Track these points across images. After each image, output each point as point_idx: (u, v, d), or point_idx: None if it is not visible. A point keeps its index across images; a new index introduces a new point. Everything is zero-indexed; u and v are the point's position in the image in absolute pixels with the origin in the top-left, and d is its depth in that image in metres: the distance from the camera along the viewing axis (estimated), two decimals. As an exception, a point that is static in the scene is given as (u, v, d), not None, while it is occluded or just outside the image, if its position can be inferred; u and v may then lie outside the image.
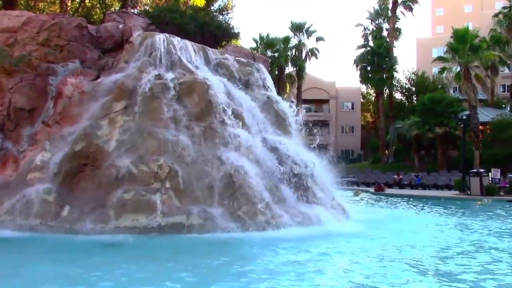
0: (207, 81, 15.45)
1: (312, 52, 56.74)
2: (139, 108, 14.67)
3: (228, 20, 27.71)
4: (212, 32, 22.25)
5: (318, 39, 57.00)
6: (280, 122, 17.30)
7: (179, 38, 17.47)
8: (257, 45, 54.15)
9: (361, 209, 21.35)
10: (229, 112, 15.15)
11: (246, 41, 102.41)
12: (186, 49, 17.23)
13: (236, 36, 27.59)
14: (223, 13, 28.21)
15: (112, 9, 31.69)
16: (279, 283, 8.04)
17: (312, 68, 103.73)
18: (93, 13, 34.65)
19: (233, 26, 26.96)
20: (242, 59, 18.67)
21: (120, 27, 17.83)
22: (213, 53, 18.46)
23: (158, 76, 15.30)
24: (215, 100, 15.03)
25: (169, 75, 15.48)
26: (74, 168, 13.63)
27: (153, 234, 12.29)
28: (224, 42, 24.22)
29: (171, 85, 15.09)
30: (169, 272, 8.71)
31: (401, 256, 10.38)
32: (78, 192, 13.37)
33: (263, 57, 22.06)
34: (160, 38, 16.71)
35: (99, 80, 16.02)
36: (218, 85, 15.75)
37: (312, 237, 12.46)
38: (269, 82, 19.05)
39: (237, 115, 15.38)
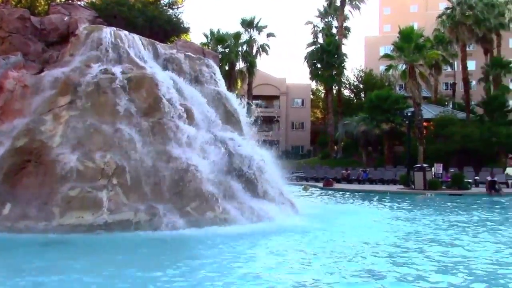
0: (156, 76, 15.25)
1: (263, 48, 56.98)
2: (85, 103, 14.31)
3: (178, 14, 27.40)
4: (162, 27, 21.96)
5: (269, 35, 57.29)
6: (230, 118, 17.31)
7: (127, 32, 17.15)
8: (207, 40, 53.90)
9: (310, 204, 21.69)
10: (178, 107, 15.02)
11: (197, 36, 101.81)
12: (135, 43, 16.94)
13: (186, 31, 27.34)
14: (173, 7, 27.85)
15: (58, 0, 30.73)
16: (227, 280, 8.06)
17: (263, 64, 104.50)
18: (37, 4, 33.45)
19: (183, 21, 26.73)
20: (192, 54, 18.54)
21: (65, 19, 17.31)
22: (162, 48, 18.24)
23: (105, 70, 14.96)
24: (164, 95, 14.85)
25: (117, 70, 15.16)
26: (16, 164, 13.16)
27: (100, 231, 12.04)
28: (173, 37, 23.95)
29: (119, 79, 14.79)
30: (114, 270, 8.55)
31: (347, 249, 10.64)
32: (20, 189, 12.91)
33: (213, 53, 22.01)
34: (107, 31, 16.34)
35: (43, 74, 15.51)
36: (167, 80, 15.57)
37: (261, 233, 12.57)
38: (219, 77, 19.00)
39: (187, 111, 15.28)
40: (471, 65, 59.50)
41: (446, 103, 61.94)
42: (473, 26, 50.80)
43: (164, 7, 27.16)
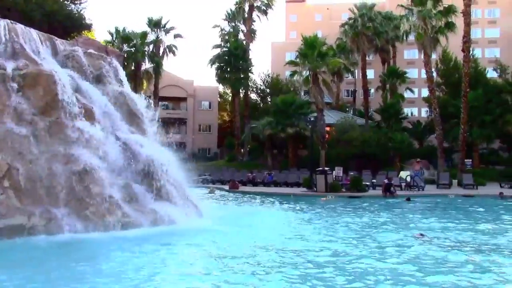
0: (53, 73, 14.47)
1: (170, 49, 56.27)
2: (-27, 99, 13.27)
3: (80, 10, 26.14)
4: (61, 22, 20.87)
5: (177, 36, 56.70)
6: (133, 118, 16.86)
7: (23, 26, 16.12)
8: (112, 38, 52.28)
9: (215, 206, 21.71)
10: (78, 107, 14.39)
11: (101, 34, 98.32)
12: (31, 38, 15.94)
13: (88, 27, 26.24)
14: (75, 2, 26.56)
15: None
16: (123, 285, 7.83)
17: (170, 65, 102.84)
18: None
19: (85, 17, 25.60)
20: (94, 52, 17.82)
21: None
22: (61, 44, 17.33)
23: (-3, 66, 13.98)
24: (62, 93, 14.13)
25: (10, 65, 14.20)
26: None
27: (-12, 237, 11.22)
28: (75, 34, 22.87)
29: (12, 75, 13.87)
30: (2, 279, 8.02)
31: (246, 250, 10.77)
32: None
33: (116, 51, 21.33)
34: (0, 24, 15.27)
35: None
36: (66, 78, 14.84)
37: (162, 236, 12.39)
38: (123, 77, 18.42)
39: (87, 110, 14.67)
40: (370, 73, 62.90)
41: (347, 109, 64.78)
42: (372, 37, 53.80)
43: (65, 2, 25.84)
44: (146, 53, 53.96)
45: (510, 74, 53.24)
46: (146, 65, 55.18)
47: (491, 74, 59.34)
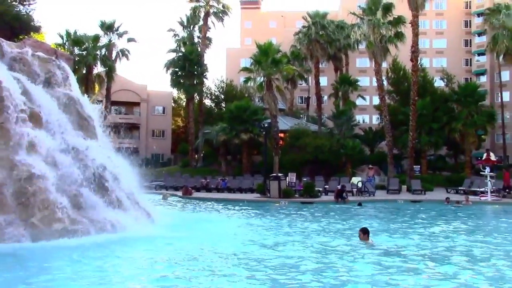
0: (-2, 76, 13.97)
1: (123, 53, 55.33)
2: None
3: (29, 11, 25.41)
4: (9, 23, 20.20)
5: (130, 40, 55.84)
6: (83, 123, 16.45)
7: (-34, 26, 15.55)
8: (63, 41, 51.04)
9: (168, 212, 21.44)
10: (25, 111, 13.92)
11: (51, 37, 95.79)
12: (-25, 39, 15.40)
13: (37, 29, 25.55)
14: (24, 3, 25.78)
15: None
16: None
17: (123, 69, 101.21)
18: None
19: (34, 19, 24.89)
20: (43, 55, 17.30)
21: None
22: (9, 46, 16.73)
23: None
24: (7, 97, 13.63)
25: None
26: None
27: None
28: (23, 35, 22.18)
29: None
30: None
31: (195, 256, 10.72)
32: None
33: (66, 55, 20.77)
34: None
35: None
36: (12, 81, 14.34)
37: (111, 244, 12.14)
38: (73, 81, 17.98)
39: (34, 115, 14.22)
40: (324, 81, 63.94)
41: (301, 115, 65.46)
42: (325, 45, 54.66)
43: (13, 2, 25.02)
44: (98, 56, 52.86)
45: (456, 84, 55.29)
46: (99, 69, 54.10)
47: (439, 83, 61.49)
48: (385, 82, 52.76)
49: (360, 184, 33.55)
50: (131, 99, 69.60)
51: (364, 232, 12.82)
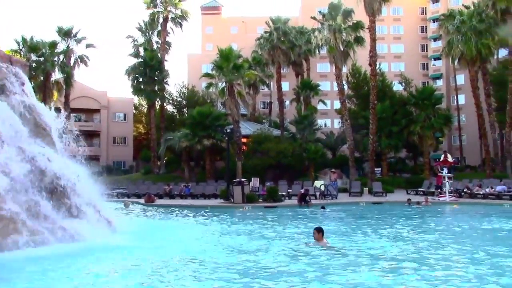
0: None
1: (82, 59, 54.25)
2: None
3: (-18, 17, 24.60)
4: (-40, 29, 19.48)
5: (88, 45, 54.83)
6: (40, 131, 16.01)
7: None
8: (19, 47, 49.83)
9: (129, 221, 21.10)
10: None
11: (7, 43, 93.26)
12: None
13: (-10, 35, 24.77)
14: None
15: None
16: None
17: (82, 76, 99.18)
18: None
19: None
20: (-4, 62, 16.79)
21: None
22: (-41, 53, 16.22)
23: None
24: (-41, 105, 13.18)
25: None
26: None
27: None
28: (-25, 41, 21.48)
29: None
30: None
31: (156, 265, 10.56)
32: None
33: (22, 61, 20.20)
34: None
35: None
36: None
37: (70, 254, 11.79)
38: (29, 88, 17.46)
39: (-14, 123, 13.76)
40: (285, 86, 64.40)
41: (264, 120, 65.74)
42: (287, 50, 55.18)
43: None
44: (56, 63, 51.72)
45: (414, 88, 56.63)
46: (57, 75, 52.92)
47: (397, 87, 62.92)
48: (345, 87, 53.61)
49: (323, 188, 33.90)
50: (91, 106, 68.36)
51: (319, 231, 12.93)
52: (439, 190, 33.39)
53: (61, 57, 53.03)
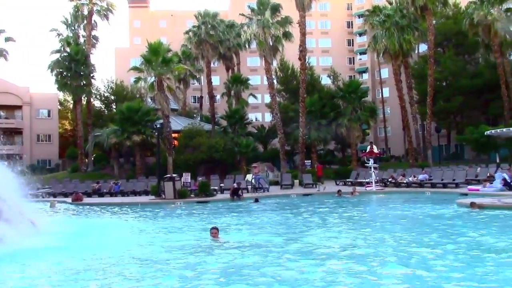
0: None
1: (1, 53, 51.57)
2: None
3: None
4: None
5: (8, 39, 52.20)
6: (-47, 130, 15.07)
7: None
8: None
9: (56, 221, 20.30)
10: None
11: None
12: None
13: None
14: None
15: None
16: None
17: (2, 71, 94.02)
18: None
19: None
20: None
21: None
22: None
23: None
24: None
25: None
26: None
27: None
28: None
29: None
30: None
31: (82, 266, 10.22)
32: None
33: None
34: None
35: None
36: None
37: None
38: None
39: None
40: (216, 80, 64.27)
41: (195, 115, 65.34)
42: (216, 44, 55.03)
43: None
44: (-29, 57, 48.88)
45: (341, 81, 58.28)
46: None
47: (326, 80, 64.50)
48: (275, 81, 54.26)
49: (254, 181, 34.17)
50: (11, 102, 65.05)
51: (214, 228, 13.13)
52: (318, 182, 34.94)
53: (-23, 50, 50.18)
